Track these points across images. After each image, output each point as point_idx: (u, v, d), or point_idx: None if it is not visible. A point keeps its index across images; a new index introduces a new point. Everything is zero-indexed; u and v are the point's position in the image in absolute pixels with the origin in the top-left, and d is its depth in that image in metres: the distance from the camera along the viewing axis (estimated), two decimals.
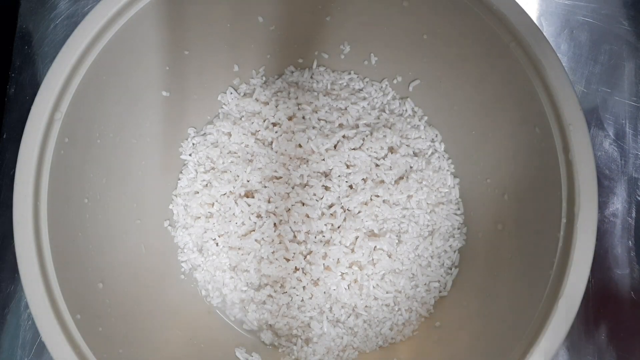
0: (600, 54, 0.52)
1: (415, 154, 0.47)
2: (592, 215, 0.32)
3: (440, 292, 0.45)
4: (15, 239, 0.34)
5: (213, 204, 0.47)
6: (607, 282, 0.47)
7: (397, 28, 0.43)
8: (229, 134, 0.48)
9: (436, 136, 0.47)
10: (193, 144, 0.48)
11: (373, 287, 0.44)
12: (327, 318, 0.44)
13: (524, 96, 0.36)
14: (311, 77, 0.49)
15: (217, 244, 0.46)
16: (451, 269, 0.45)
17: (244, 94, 0.49)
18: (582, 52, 0.52)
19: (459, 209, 0.46)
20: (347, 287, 0.44)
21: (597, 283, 0.47)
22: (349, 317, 0.45)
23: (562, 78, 0.34)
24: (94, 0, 0.54)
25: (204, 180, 0.47)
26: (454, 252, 0.45)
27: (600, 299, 0.46)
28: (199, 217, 0.47)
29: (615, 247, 0.48)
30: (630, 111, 0.51)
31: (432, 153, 0.47)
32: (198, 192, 0.47)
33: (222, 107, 0.49)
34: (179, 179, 0.48)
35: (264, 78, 0.49)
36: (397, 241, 0.45)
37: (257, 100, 0.48)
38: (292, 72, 0.49)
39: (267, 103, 0.48)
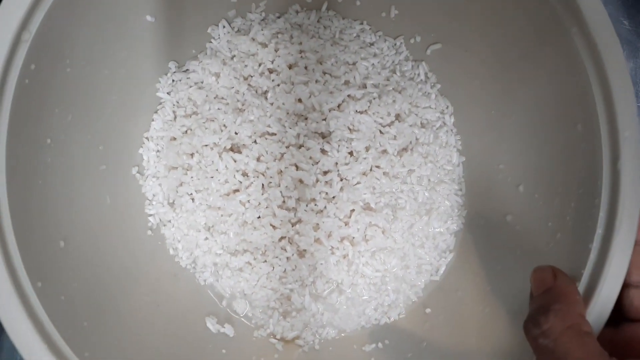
0: None
1: (422, 125, 0.43)
2: (632, 230, 0.30)
3: (431, 275, 0.42)
4: None
5: (193, 155, 0.41)
6: None
7: None
8: (217, 75, 0.41)
9: (447, 108, 0.43)
10: (173, 80, 0.41)
11: (362, 264, 0.41)
12: (309, 292, 0.41)
13: (572, 89, 0.32)
14: (318, 21, 0.43)
15: (193, 200, 0.41)
16: (445, 253, 0.42)
17: (238, 30, 0.42)
18: None
19: (460, 189, 0.43)
20: (335, 263, 0.41)
21: None
22: (332, 293, 0.42)
23: (625, 81, 0.30)
24: None
25: (183, 125, 0.41)
26: (451, 235, 0.42)
27: None
28: (175, 168, 0.41)
29: None
30: None
31: (441, 126, 0.43)
32: (176, 139, 0.41)
33: (211, 42, 0.42)
34: (153, 120, 0.42)
35: (263, 14, 0.42)
36: (392, 217, 0.41)
37: (253, 39, 0.41)
38: (297, 12, 0.43)
39: (265, 45, 0.41)
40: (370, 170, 0.41)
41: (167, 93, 0.41)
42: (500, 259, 0.39)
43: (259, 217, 0.40)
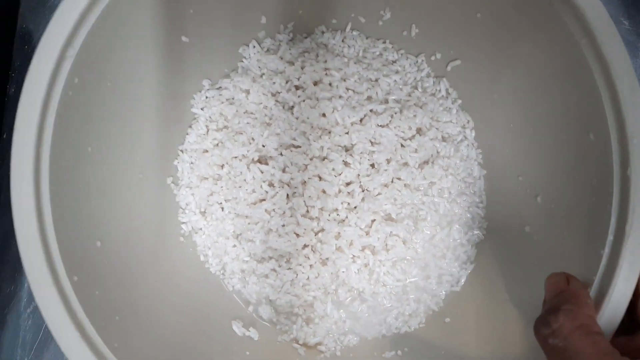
0: None
1: (444, 139, 0.44)
2: None
3: (452, 286, 0.43)
4: (12, 189, 0.30)
5: (223, 166, 0.43)
6: None
7: (449, 1, 0.39)
8: (247, 92, 0.44)
9: (468, 122, 0.45)
10: (206, 97, 0.44)
11: (384, 273, 0.42)
12: (331, 300, 0.42)
13: (583, 99, 0.33)
14: (342, 41, 0.45)
15: (222, 209, 0.43)
16: (466, 264, 0.43)
17: (268, 50, 0.45)
18: None
19: (481, 202, 0.44)
20: (356, 271, 0.42)
21: None
22: (354, 301, 0.43)
23: (634, 88, 0.31)
24: None
25: (215, 139, 0.44)
26: (472, 246, 0.43)
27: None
28: (206, 178, 0.43)
29: None
30: None
31: (462, 140, 0.44)
32: (208, 151, 0.44)
33: (242, 61, 0.45)
34: (187, 134, 0.44)
35: (291, 35, 0.45)
36: (413, 228, 0.42)
37: (281, 58, 0.44)
38: (323, 32, 0.45)
39: (292, 63, 0.44)
40: (392, 182, 0.42)
41: (201, 109, 0.44)
42: (518, 268, 0.39)
43: (284, 225, 0.42)
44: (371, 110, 0.43)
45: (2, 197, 0.48)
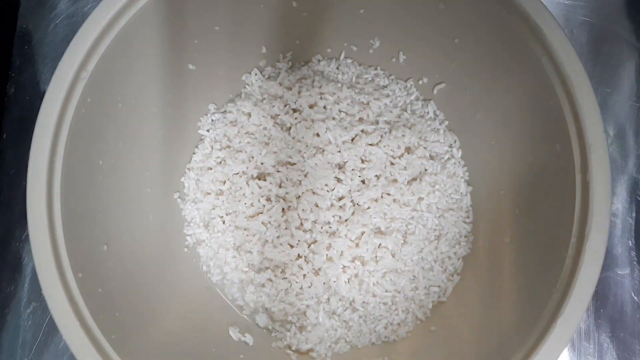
0: (600, 54, 0.52)
1: (431, 157, 0.46)
2: (602, 237, 0.32)
3: (439, 297, 0.45)
4: (28, 191, 0.34)
5: (225, 182, 0.47)
6: (607, 282, 0.46)
7: (430, 29, 0.43)
8: (249, 115, 0.48)
9: (455, 142, 0.47)
10: (212, 120, 0.48)
11: (373, 283, 0.44)
12: (323, 309, 0.44)
13: (549, 112, 0.36)
14: (337, 68, 0.49)
15: (223, 222, 0.46)
16: (453, 276, 0.45)
17: (269, 77, 0.49)
18: (582, 52, 0.52)
19: (468, 217, 0.46)
20: (347, 281, 0.44)
21: (597, 283, 0.47)
22: (345, 310, 0.45)
23: (590, 98, 0.33)
24: (94, 0, 0.54)
25: (218, 157, 0.47)
26: (458, 259, 0.45)
27: (601, 299, 0.46)
28: (209, 193, 0.47)
29: (615, 247, 0.47)
30: (630, 111, 0.50)
31: (449, 158, 0.47)
32: (211, 169, 0.47)
33: (245, 87, 0.49)
34: (194, 153, 0.48)
35: (290, 63, 0.49)
36: (402, 241, 0.44)
37: (280, 84, 0.48)
38: (319, 60, 0.49)
39: (290, 88, 0.48)
40: (381, 197, 0.45)
41: (207, 130, 0.48)
42: (499, 277, 0.40)
43: (279, 236, 0.45)
44: (362, 131, 0.46)
45: (1, 197, 0.49)
